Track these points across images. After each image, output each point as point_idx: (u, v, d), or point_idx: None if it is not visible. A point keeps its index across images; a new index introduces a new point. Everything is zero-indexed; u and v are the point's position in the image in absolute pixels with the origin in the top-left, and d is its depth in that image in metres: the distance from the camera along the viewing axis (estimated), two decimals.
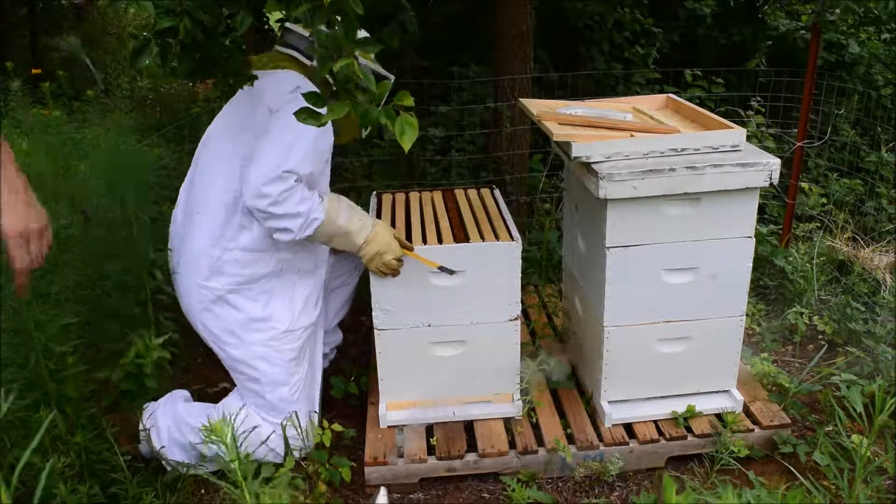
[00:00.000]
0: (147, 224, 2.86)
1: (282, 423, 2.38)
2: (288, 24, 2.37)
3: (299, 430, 2.39)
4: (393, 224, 2.56)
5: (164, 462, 2.36)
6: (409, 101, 1.60)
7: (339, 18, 1.57)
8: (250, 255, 2.34)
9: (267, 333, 2.37)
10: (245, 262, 2.35)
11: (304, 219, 2.22)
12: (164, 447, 2.36)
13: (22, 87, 3.97)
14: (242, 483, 1.28)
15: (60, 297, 2.62)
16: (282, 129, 2.20)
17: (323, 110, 1.63)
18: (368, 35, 2.10)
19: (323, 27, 1.60)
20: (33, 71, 5.21)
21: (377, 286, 2.40)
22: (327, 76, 1.64)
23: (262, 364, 2.37)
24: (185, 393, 2.53)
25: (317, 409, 2.54)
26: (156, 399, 2.54)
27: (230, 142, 2.35)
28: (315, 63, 2.19)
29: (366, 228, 2.33)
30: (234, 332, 2.38)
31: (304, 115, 1.64)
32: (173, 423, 2.38)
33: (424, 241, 2.44)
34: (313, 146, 2.22)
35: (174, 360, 2.50)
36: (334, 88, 1.64)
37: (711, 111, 2.59)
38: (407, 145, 1.64)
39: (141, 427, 2.39)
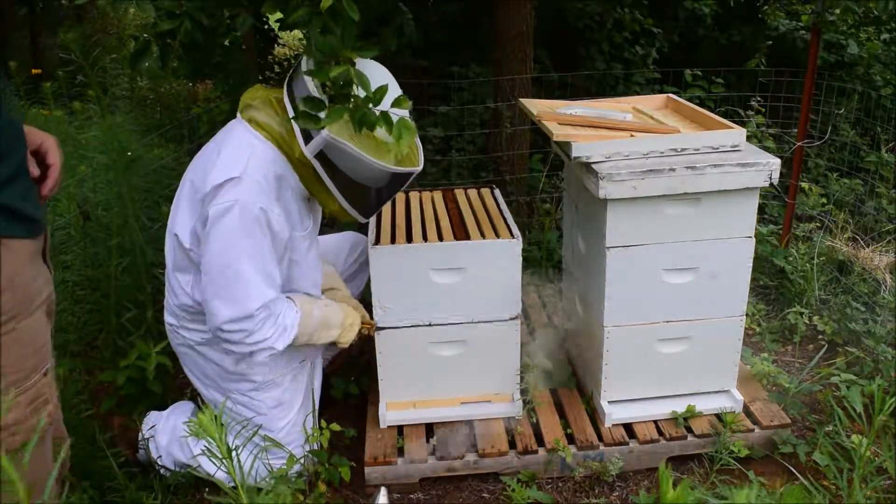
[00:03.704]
0: (146, 225, 2.87)
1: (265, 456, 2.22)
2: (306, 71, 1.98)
3: (295, 460, 2.26)
4: (393, 224, 2.56)
5: (161, 469, 2.36)
6: (407, 105, 1.60)
7: (334, 24, 1.57)
8: (194, 314, 2.20)
9: (244, 385, 2.24)
10: (196, 319, 2.20)
11: (283, 330, 2.11)
12: (160, 456, 2.35)
13: (22, 86, 3.98)
14: (236, 480, 1.28)
15: (59, 297, 2.62)
16: (222, 265, 2.01)
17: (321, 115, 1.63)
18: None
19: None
20: (33, 71, 5.21)
21: (378, 284, 2.40)
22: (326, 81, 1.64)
23: (245, 410, 2.26)
24: (190, 406, 2.49)
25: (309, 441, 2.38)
26: (160, 405, 2.54)
27: (186, 191, 2.17)
28: (302, 143, 2.00)
29: (335, 308, 2.30)
30: (211, 377, 2.27)
31: (302, 118, 1.65)
32: (172, 440, 2.35)
33: (425, 238, 2.44)
34: (265, 258, 2.05)
35: (174, 360, 2.50)
36: (331, 93, 1.64)
37: (711, 111, 2.59)
38: (404, 148, 1.64)
39: (140, 437, 2.38)
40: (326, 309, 2.28)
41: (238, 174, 2.00)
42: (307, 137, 2.00)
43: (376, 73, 2.05)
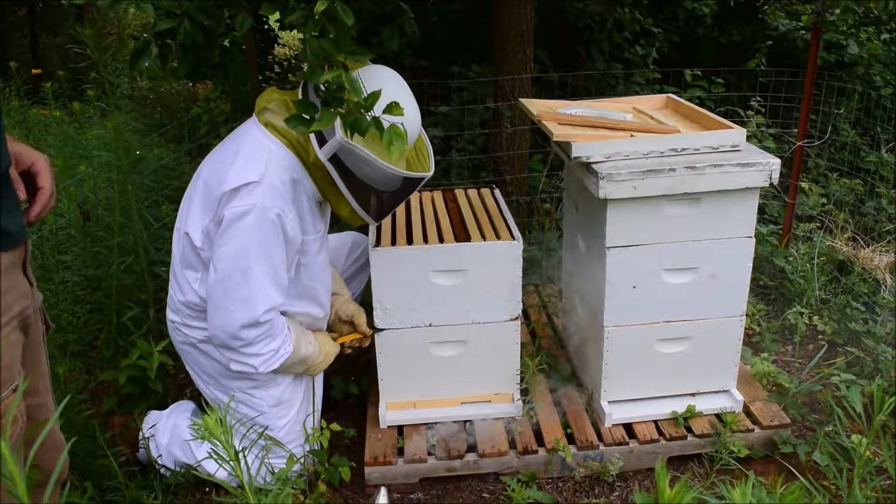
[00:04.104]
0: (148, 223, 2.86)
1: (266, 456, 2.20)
2: (302, 74, 2.07)
3: (295, 460, 2.24)
4: (393, 224, 2.57)
5: (161, 469, 2.36)
6: (400, 112, 1.60)
7: (330, 27, 1.57)
8: (198, 311, 2.21)
9: (245, 383, 2.25)
10: (201, 317, 2.21)
11: (274, 353, 2.14)
12: (160, 455, 2.35)
13: (22, 86, 3.98)
14: (243, 481, 1.28)
15: (59, 297, 2.62)
16: (236, 267, 2.03)
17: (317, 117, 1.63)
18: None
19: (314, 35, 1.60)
20: (33, 71, 5.21)
21: (379, 285, 2.40)
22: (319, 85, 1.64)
23: (245, 408, 2.27)
24: (191, 405, 2.49)
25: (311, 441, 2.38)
26: (160, 405, 2.54)
27: (200, 190, 2.17)
28: (317, 146, 2.03)
29: (315, 348, 2.30)
30: (212, 374, 2.28)
31: (294, 122, 1.65)
32: (172, 439, 2.35)
33: (426, 239, 2.44)
34: (276, 263, 2.07)
35: (175, 359, 2.50)
36: (324, 97, 1.65)
37: (711, 111, 2.59)
38: (395, 156, 1.65)
39: (141, 437, 2.38)
40: (310, 347, 2.30)
41: (256, 178, 2.02)
42: (321, 141, 2.03)
43: (387, 79, 2.07)
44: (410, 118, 2.06)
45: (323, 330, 2.46)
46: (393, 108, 1.59)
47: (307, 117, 1.62)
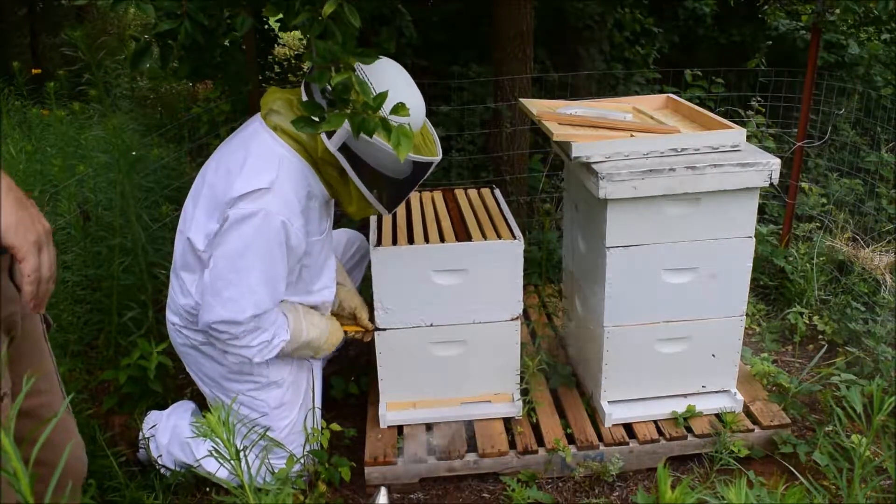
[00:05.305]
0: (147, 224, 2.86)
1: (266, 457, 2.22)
2: (307, 76, 2.04)
3: (296, 460, 2.24)
4: (394, 223, 2.57)
5: (161, 469, 2.36)
6: (406, 112, 1.61)
7: (336, 29, 1.57)
8: (196, 315, 2.19)
9: (246, 385, 2.25)
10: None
11: (266, 344, 2.13)
12: (160, 455, 2.35)
13: (24, 86, 3.98)
14: (244, 481, 1.28)
15: (59, 297, 2.62)
16: (232, 266, 2.03)
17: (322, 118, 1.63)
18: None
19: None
20: (34, 71, 5.21)
21: (379, 285, 2.40)
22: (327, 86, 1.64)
23: (246, 410, 2.26)
24: (191, 405, 2.49)
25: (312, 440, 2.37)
26: (160, 405, 2.54)
27: (205, 195, 2.15)
28: (325, 138, 2.03)
29: (322, 329, 2.29)
30: (213, 377, 2.28)
31: (300, 123, 1.65)
32: (172, 439, 2.35)
33: (426, 239, 2.44)
34: (275, 271, 2.07)
35: (175, 359, 2.50)
36: (331, 98, 1.65)
37: (711, 111, 2.59)
38: (402, 155, 1.65)
39: (141, 437, 2.38)
40: (315, 330, 2.27)
41: (267, 185, 2.01)
42: (330, 132, 2.02)
43: (389, 71, 2.06)
44: (415, 106, 2.06)
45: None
46: (399, 108, 1.59)
47: (314, 119, 1.63)
